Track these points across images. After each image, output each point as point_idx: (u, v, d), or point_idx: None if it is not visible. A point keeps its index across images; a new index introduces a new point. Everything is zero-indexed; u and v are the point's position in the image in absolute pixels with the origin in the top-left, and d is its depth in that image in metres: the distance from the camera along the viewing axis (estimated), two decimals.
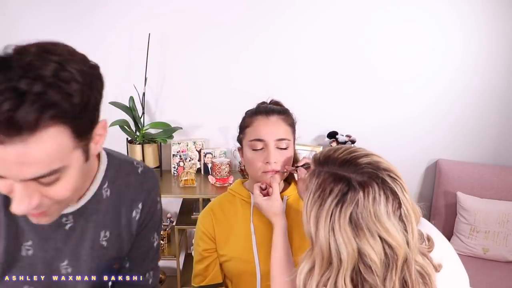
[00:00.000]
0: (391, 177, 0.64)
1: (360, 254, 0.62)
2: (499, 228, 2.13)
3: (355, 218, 0.61)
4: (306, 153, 2.31)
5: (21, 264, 0.75)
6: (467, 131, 2.43)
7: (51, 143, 0.52)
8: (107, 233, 0.81)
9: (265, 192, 1.04)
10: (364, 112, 2.37)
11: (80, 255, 0.79)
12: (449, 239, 2.25)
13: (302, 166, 1.02)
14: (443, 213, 2.34)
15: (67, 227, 0.76)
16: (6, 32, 2.13)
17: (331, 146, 2.30)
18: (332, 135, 2.33)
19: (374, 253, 0.61)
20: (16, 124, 0.47)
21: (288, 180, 1.16)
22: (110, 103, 2.12)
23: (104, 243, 0.81)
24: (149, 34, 2.10)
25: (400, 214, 0.63)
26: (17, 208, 0.56)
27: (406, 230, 0.63)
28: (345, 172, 0.66)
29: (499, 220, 2.13)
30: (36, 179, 0.55)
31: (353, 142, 2.28)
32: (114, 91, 2.20)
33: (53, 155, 0.53)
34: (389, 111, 2.38)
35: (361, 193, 0.62)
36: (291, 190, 1.12)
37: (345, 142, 2.26)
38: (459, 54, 2.31)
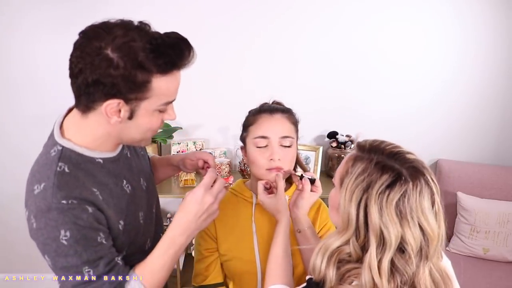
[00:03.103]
0: (431, 177, 0.70)
1: (401, 239, 0.67)
2: (499, 228, 2.13)
3: (401, 206, 0.66)
4: (305, 153, 2.31)
5: (133, 200, 0.94)
6: (467, 131, 2.43)
7: None
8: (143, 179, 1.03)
9: (269, 191, 1.05)
10: (364, 112, 2.37)
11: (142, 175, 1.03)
12: (449, 239, 2.25)
13: (309, 178, 1.03)
14: (443, 213, 2.34)
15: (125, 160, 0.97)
16: (6, 31, 2.13)
17: (331, 146, 2.30)
18: (332, 135, 2.32)
19: (413, 239, 0.66)
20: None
21: (290, 180, 1.16)
22: None
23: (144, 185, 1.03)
24: None
25: (435, 211, 0.71)
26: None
27: (438, 226, 0.71)
28: (394, 163, 0.69)
29: (499, 220, 2.13)
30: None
31: (353, 142, 2.28)
32: None
33: None
34: (389, 111, 2.38)
35: (410, 184, 0.67)
36: (292, 190, 1.12)
37: (345, 142, 2.26)
38: (458, 55, 2.31)
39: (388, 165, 0.69)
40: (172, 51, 0.77)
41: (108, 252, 0.82)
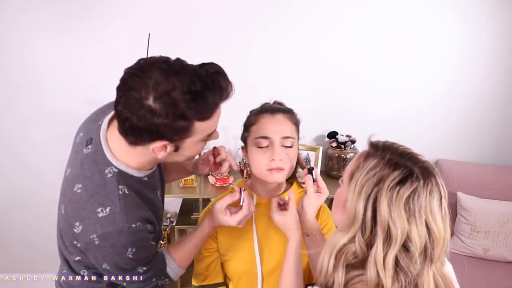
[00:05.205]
0: (441, 181, 0.72)
1: (407, 236, 0.66)
2: (499, 228, 2.13)
3: (410, 203, 0.66)
4: (305, 153, 2.31)
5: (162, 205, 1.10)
6: (467, 131, 2.43)
7: None
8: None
9: (283, 207, 1.04)
10: (364, 112, 2.37)
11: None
12: None
13: (308, 170, 1.04)
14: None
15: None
16: (5, 31, 2.12)
17: (331, 146, 2.30)
18: (332, 135, 2.32)
19: (418, 237, 0.66)
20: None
21: (290, 180, 1.16)
22: (110, 103, 2.12)
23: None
24: (149, 34, 2.10)
25: (442, 214, 0.71)
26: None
27: (444, 229, 0.71)
28: (406, 162, 0.69)
29: (499, 220, 2.14)
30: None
31: (353, 142, 2.28)
32: (114, 91, 2.19)
33: None
34: (389, 111, 2.38)
35: (421, 182, 0.67)
36: (295, 191, 1.12)
37: (345, 142, 2.26)
38: (459, 54, 2.31)
39: (400, 163, 0.69)
40: (212, 94, 0.82)
41: (155, 250, 0.98)
